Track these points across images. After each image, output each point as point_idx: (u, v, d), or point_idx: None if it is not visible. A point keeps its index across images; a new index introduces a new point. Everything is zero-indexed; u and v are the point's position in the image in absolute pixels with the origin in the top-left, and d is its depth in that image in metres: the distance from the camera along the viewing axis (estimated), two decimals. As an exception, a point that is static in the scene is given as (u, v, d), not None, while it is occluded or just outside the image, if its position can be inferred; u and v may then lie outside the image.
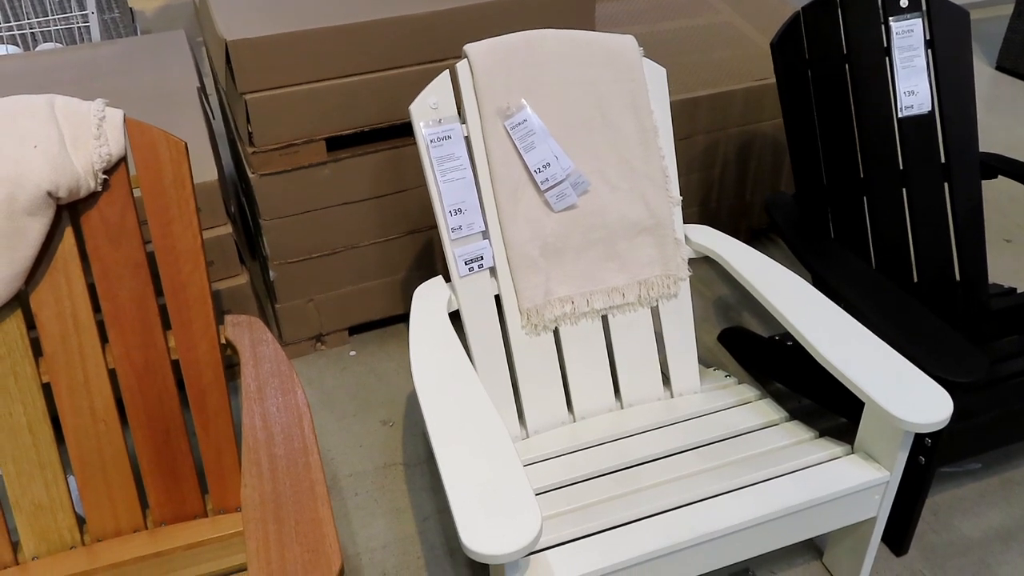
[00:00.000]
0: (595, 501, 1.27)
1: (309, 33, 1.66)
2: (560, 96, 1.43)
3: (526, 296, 1.42)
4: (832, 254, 1.54)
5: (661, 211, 1.49)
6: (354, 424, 1.82)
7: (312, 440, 1.07)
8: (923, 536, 1.53)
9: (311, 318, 1.97)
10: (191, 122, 1.83)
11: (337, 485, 1.67)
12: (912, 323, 1.35)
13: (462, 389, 1.17)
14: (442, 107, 1.38)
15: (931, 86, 1.73)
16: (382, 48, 1.72)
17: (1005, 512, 1.57)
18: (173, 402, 1.27)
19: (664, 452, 1.37)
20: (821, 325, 1.31)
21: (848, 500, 1.25)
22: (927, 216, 1.75)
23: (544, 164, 1.42)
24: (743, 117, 2.18)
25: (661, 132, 1.49)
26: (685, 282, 1.52)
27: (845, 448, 1.33)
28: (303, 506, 0.97)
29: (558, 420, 1.47)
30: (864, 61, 1.69)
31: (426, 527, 1.57)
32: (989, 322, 1.68)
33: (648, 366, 1.51)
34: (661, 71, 1.50)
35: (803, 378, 1.64)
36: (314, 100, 1.71)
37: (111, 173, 1.21)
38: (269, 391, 1.16)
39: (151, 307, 1.24)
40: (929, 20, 1.72)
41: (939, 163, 1.75)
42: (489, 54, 1.39)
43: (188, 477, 1.30)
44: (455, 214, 1.38)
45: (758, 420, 1.44)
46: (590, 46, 1.45)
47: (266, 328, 1.30)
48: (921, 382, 1.19)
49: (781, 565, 1.48)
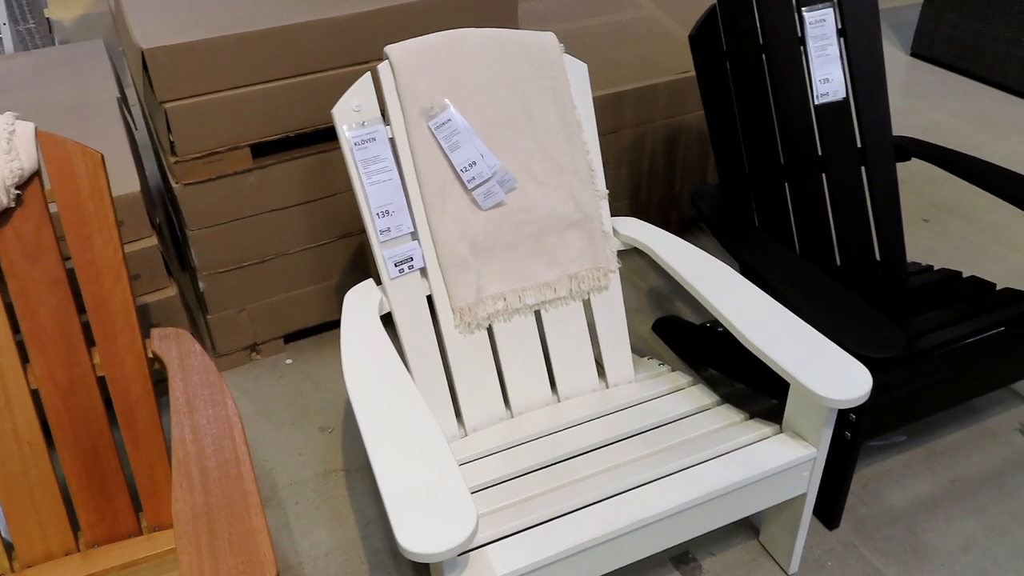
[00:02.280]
0: (533, 495, 1.28)
1: (228, 39, 1.63)
2: (483, 95, 1.44)
3: (458, 295, 1.43)
4: (756, 241, 1.59)
5: (588, 205, 1.51)
6: (293, 433, 1.80)
7: (244, 450, 1.06)
8: (853, 509, 1.58)
9: (244, 328, 1.95)
10: (111, 133, 1.79)
11: (277, 495, 1.65)
12: (833, 304, 1.39)
13: (395, 391, 1.17)
14: (365, 109, 1.37)
15: (845, 73, 1.79)
16: (303, 52, 1.71)
17: (929, 481, 1.64)
18: (101, 420, 1.24)
19: (600, 442, 1.39)
20: (746, 310, 1.34)
21: (778, 478, 1.29)
22: (846, 200, 1.81)
23: (470, 163, 1.42)
24: (668, 110, 2.22)
25: (585, 127, 1.51)
26: (615, 274, 1.54)
27: (774, 428, 1.37)
28: (236, 517, 0.96)
29: (495, 417, 1.48)
30: (780, 51, 1.74)
31: (369, 531, 1.57)
32: (909, 299, 1.74)
33: (582, 359, 1.53)
34: (583, 67, 1.52)
35: (733, 362, 1.69)
36: (236, 107, 1.69)
37: (24, 188, 1.18)
38: (199, 403, 1.15)
39: (73, 324, 1.21)
40: (840, 9, 1.78)
41: (855, 148, 1.81)
42: (411, 55, 1.39)
43: (120, 495, 1.27)
44: (383, 216, 1.38)
45: (691, 406, 1.47)
46: (512, 44, 1.46)
47: (194, 340, 1.28)
48: (842, 360, 1.23)
49: (719, 546, 1.51)
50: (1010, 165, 2.77)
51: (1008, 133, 3.00)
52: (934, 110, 3.18)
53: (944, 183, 2.68)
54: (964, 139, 2.96)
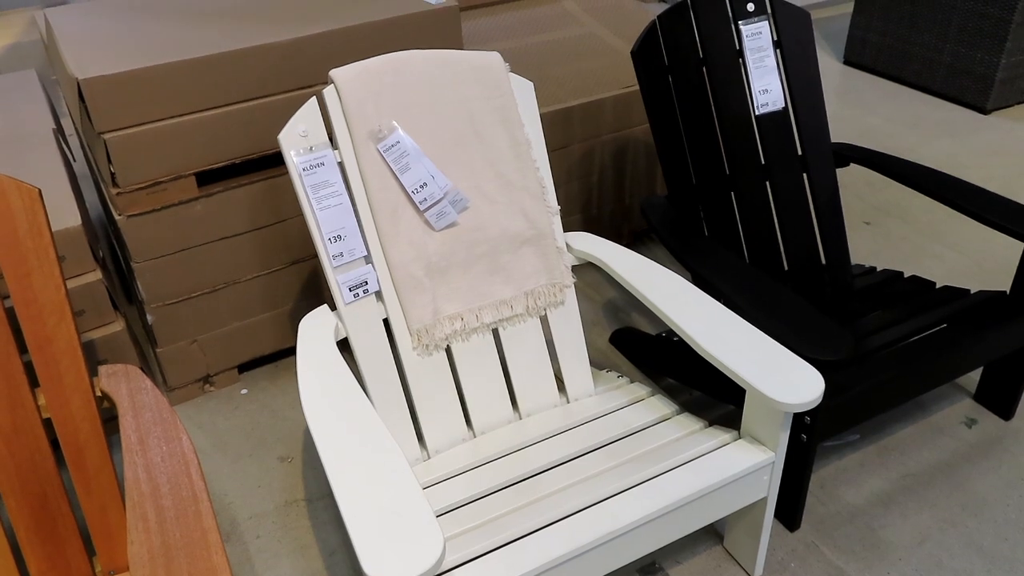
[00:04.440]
0: (500, 514, 1.27)
1: (167, 67, 1.60)
2: (431, 116, 1.44)
3: (414, 317, 1.42)
4: (706, 251, 1.61)
5: (541, 222, 1.52)
6: (251, 464, 1.76)
7: (201, 487, 1.04)
8: (813, 509, 1.61)
9: (196, 360, 1.90)
10: (48, 166, 1.74)
11: (237, 529, 1.61)
12: (782, 310, 1.42)
13: (355, 417, 1.15)
14: (312, 134, 1.36)
15: (782, 83, 1.84)
16: (246, 78, 1.69)
17: (883, 477, 1.68)
18: (48, 463, 1.20)
19: (564, 457, 1.40)
20: (700, 320, 1.36)
21: (739, 483, 1.30)
22: (790, 206, 1.85)
23: (421, 184, 1.42)
24: (615, 124, 2.25)
25: (534, 144, 1.52)
26: (570, 289, 1.55)
27: (733, 434, 1.39)
28: (195, 556, 0.93)
29: (458, 437, 1.47)
30: (719, 64, 1.78)
31: (333, 561, 1.54)
32: (855, 301, 1.79)
33: (542, 375, 1.54)
34: (529, 85, 1.53)
35: (690, 371, 1.71)
36: (179, 135, 1.66)
37: (-43, 227, 1.13)
38: (151, 441, 1.12)
39: (15, 365, 1.17)
40: (775, 22, 1.83)
41: (797, 155, 1.86)
42: (356, 78, 1.38)
43: (71, 540, 1.23)
44: (335, 241, 1.36)
45: (651, 416, 1.48)
46: (457, 64, 1.47)
47: (144, 376, 1.25)
48: (794, 364, 1.25)
49: (685, 554, 1.53)
50: (941, 166, 2.88)
51: (938, 135, 3.11)
52: (869, 115, 3.29)
53: (882, 186, 2.77)
54: (898, 142, 3.06)
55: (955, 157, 2.94)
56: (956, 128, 3.16)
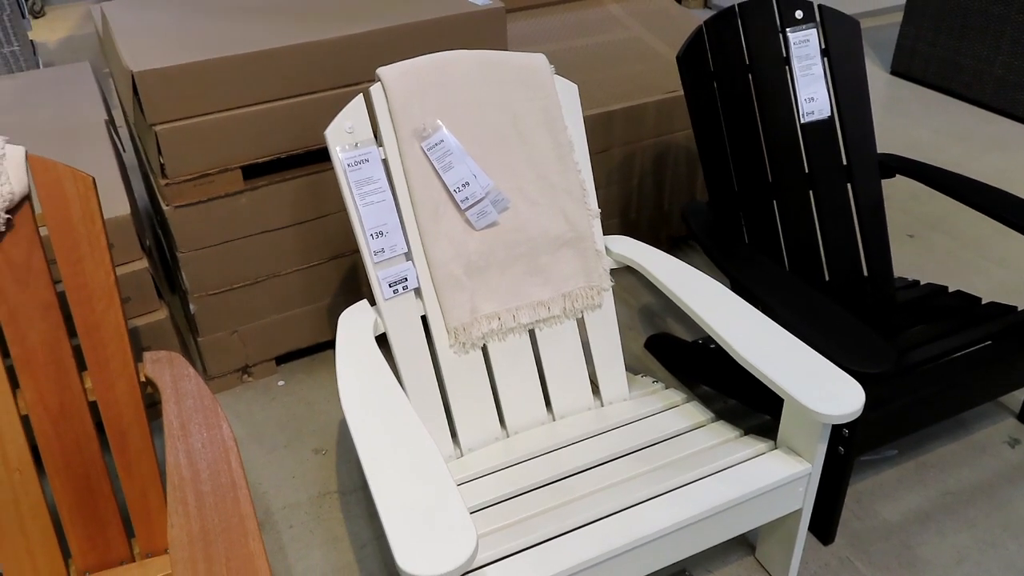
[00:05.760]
0: (531, 514, 1.27)
1: (218, 61, 1.63)
2: (475, 116, 1.45)
3: (452, 315, 1.43)
4: (747, 258, 1.60)
5: (581, 224, 1.52)
6: (286, 455, 1.79)
7: (240, 474, 1.05)
8: (848, 523, 1.59)
9: (236, 350, 1.93)
10: (100, 156, 1.78)
11: (271, 518, 1.64)
12: (824, 320, 1.40)
13: (392, 412, 1.16)
14: (358, 131, 1.38)
15: (829, 92, 1.81)
16: (294, 74, 1.71)
17: (921, 495, 1.65)
18: (92, 445, 1.23)
19: (596, 461, 1.39)
20: (739, 327, 1.35)
21: (774, 494, 1.29)
22: (833, 216, 1.83)
23: (463, 183, 1.43)
24: (657, 128, 2.24)
25: (576, 147, 1.52)
26: (608, 292, 1.55)
27: (769, 444, 1.38)
28: (233, 542, 0.95)
29: (491, 436, 1.47)
30: (766, 71, 1.77)
31: (364, 555, 1.55)
32: (897, 314, 1.76)
33: (577, 377, 1.53)
34: (573, 87, 1.53)
35: (726, 379, 1.69)
36: (227, 129, 1.69)
37: (15, 212, 1.17)
38: (193, 427, 1.14)
39: (64, 348, 1.20)
40: (823, 30, 1.81)
41: (841, 165, 1.84)
42: (402, 76, 1.40)
43: (112, 522, 1.25)
44: (377, 237, 1.38)
45: (686, 423, 1.47)
46: (502, 66, 1.47)
47: (187, 363, 1.27)
48: (835, 376, 1.24)
49: (716, 563, 1.51)
50: (989, 180, 2.82)
51: (987, 149, 3.04)
52: (915, 127, 3.23)
53: (928, 199, 2.72)
54: (945, 155, 3.01)
55: (1004, 172, 2.87)
56: (1006, 142, 3.09)
